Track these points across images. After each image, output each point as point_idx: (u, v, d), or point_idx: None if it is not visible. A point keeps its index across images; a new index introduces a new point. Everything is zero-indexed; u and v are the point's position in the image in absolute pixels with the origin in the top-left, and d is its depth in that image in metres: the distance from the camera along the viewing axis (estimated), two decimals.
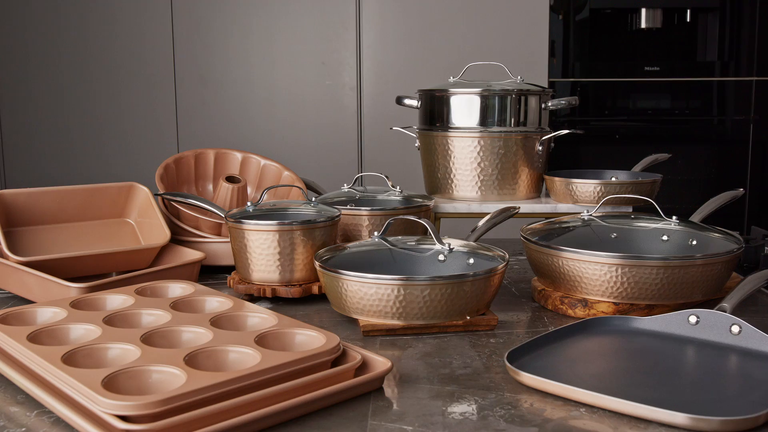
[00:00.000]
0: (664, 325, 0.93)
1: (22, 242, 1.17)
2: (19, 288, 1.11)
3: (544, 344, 0.88)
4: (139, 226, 1.29)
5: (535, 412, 0.73)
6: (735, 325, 0.89)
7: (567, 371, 0.83)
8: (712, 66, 3.03)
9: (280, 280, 1.10)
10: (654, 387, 0.78)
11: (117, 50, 3.00)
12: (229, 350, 0.78)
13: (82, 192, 1.24)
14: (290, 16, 2.98)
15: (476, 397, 0.77)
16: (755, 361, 0.84)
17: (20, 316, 0.89)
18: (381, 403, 0.76)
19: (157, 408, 0.65)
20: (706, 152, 3.11)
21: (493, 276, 0.98)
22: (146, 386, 0.72)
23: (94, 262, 1.15)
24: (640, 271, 1.00)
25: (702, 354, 0.87)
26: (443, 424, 0.71)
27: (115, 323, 0.87)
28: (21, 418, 0.73)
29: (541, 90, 1.42)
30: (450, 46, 2.93)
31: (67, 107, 3.05)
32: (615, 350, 0.90)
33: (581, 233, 1.13)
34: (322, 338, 0.81)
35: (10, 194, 1.18)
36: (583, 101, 3.06)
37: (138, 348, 0.78)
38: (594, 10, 2.98)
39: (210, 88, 3.02)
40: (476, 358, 0.88)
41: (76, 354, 0.77)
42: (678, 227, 1.12)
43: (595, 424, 0.71)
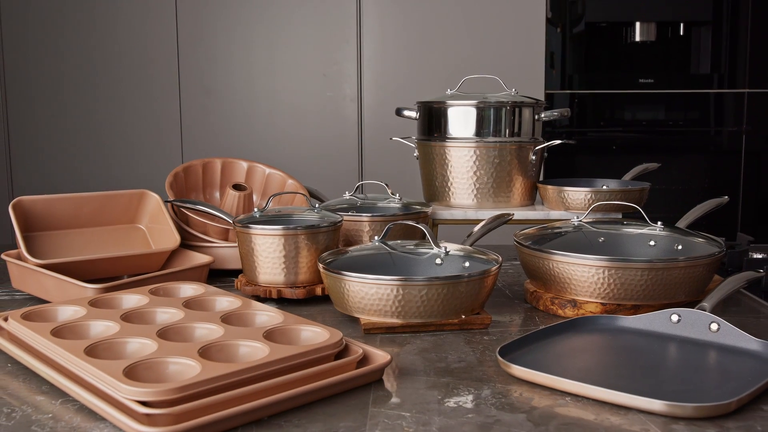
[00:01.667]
0: (647, 323, 0.99)
1: (40, 246, 1.23)
2: (37, 289, 1.17)
3: (534, 341, 0.94)
4: (150, 231, 1.35)
5: (523, 400, 0.79)
6: (714, 323, 0.95)
7: (555, 365, 0.88)
8: (705, 78, 3.09)
9: (285, 282, 1.16)
10: (635, 379, 0.84)
11: (122, 61, 3.07)
12: (240, 344, 0.84)
13: (96, 198, 1.30)
14: (292, 29, 3.05)
15: (470, 387, 0.83)
16: (732, 356, 0.90)
17: (42, 314, 0.94)
18: (381, 392, 0.81)
19: (175, 395, 0.71)
20: (700, 162, 3.17)
21: (487, 277, 1.03)
22: (163, 376, 0.78)
23: (108, 265, 1.20)
24: (626, 273, 1.06)
25: (682, 350, 0.93)
26: (438, 411, 0.76)
27: (132, 320, 0.92)
28: (46, 406, 0.78)
29: (534, 102, 1.48)
30: (449, 59, 3.00)
31: (73, 117, 3.11)
32: (600, 346, 0.96)
33: (571, 238, 1.19)
34: (326, 333, 0.87)
35: (28, 201, 1.24)
36: (581, 112, 3.12)
37: (154, 342, 0.84)
38: (589, 24, 3.06)
39: (213, 98, 3.08)
40: (470, 354, 0.94)
41: (97, 347, 0.83)
42: (663, 232, 1.18)
43: (579, 411, 0.76)
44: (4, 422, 0.74)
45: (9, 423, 0.74)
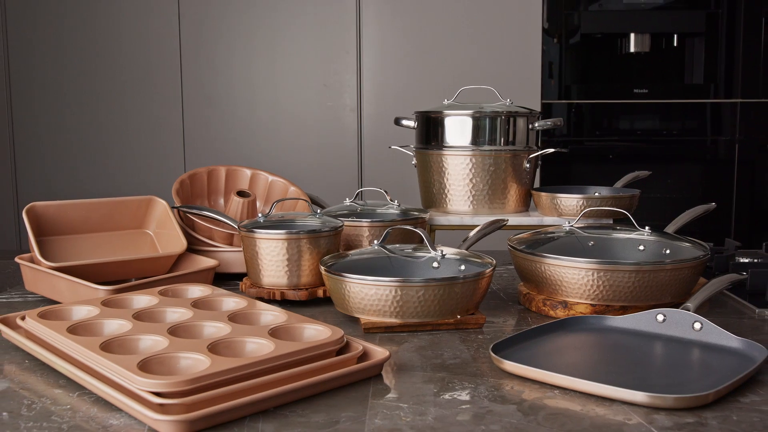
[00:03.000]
0: (634, 323, 1.04)
1: (52, 250, 1.27)
2: (49, 291, 1.21)
3: (526, 339, 0.99)
4: (157, 236, 1.39)
5: (514, 393, 0.84)
6: (697, 322, 0.99)
7: (544, 361, 0.93)
8: (698, 88, 3.15)
9: (288, 284, 1.21)
10: (620, 373, 0.89)
11: (127, 72, 3.13)
12: (246, 341, 0.89)
13: (106, 204, 1.35)
14: (293, 40, 3.11)
15: (464, 382, 0.87)
16: (713, 353, 0.95)
17: (58, 313, 0.99)
18: (380, 386, 0.86)
19: (187, 386, 0.76)
20: (694, 171, 3.23)
21: (481, 279, 1.08)
22: (175, 369, 0.82)
23: (118, 268, 1.25)
24: (615, 275, 1.10)
25: (666, 347, 0.98)
26: (434, 403, 0.81)
27: (143, 319, 0.97)
28: (64, 398, 0.83)
29: (528, 112, 1.54)
30: (447, 70, 3.07)
31: (77, 125, 3.17)
32: (588, 344, 1.00)
33: (563, 242, 1.24)
34: (328, 331, 0.91)
35: (41, 206, 1.29)
36: (578, 122, 3.18)
37: (166, 339, 0.88)
38: (585, 35, 3.11)
39: (216, 108, 3.14)
40: (465, 351, 0.98)
41: (111, 343, 0.87)
42: (651, 237, 1.23)
43: (567, 402, 0.81)
44: (26, 413, 0.79)
45: (30, 413, 0.79)
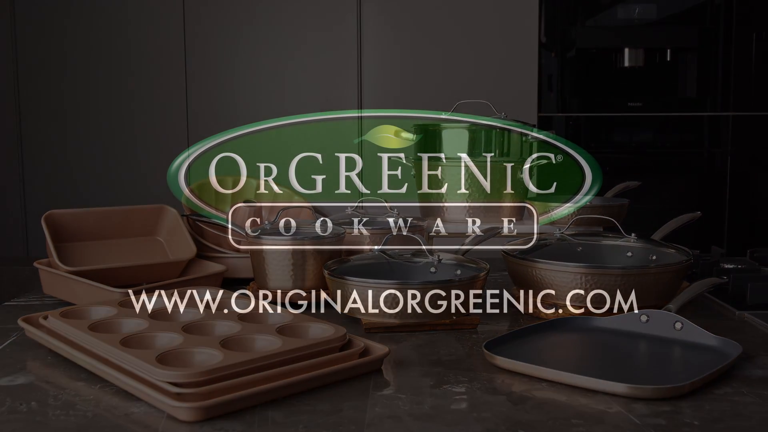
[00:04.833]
0: (619, 323, 1.10)
1: (68, 255, 1.34)
2: (66, 294, 1.28)
3: (517, 337, 1.05)
4: (168, 243, 1.46)
5: (505, 386, 0.90)
6: (678, 322, 1.06)
7: (534, 357, 0.99)
8: (691, 102, 3.23)
9: (293, 287, 1.27)
10: (604, 368, 0.95)
11: (133, 86, 3.21)
12: (256, 338, 0.95)
13: (119, 213, 1.42)
14: (296, 56, 3.19)
15: (459, 376, 0.94)
16: (693, 350, 1.01)
17: (78, 313, 1.06)
18: (380, 380, 0.93)
19: (202, 377, 0.82)
20: (688, 183, 3.30)
21: (476, 282, 1.15)
22: (190, 363, 0.89)
23: (131, 273, 1.32)
24: (602, 278, 1.17)
25: (649, 345, 1.04)
26: (430, 394, 0.87)
27: (159, 318, 1.04)
28: (86, 390, 0.90)
29: (521, 124, 1.60)
30: (445, 83, 3.15)
31: (85, 134, 3.25)
32: (575, 342, 1.07)
33: (553, 248, 1.31)
34: (331, 329, 0.98)
35: (58, 214, 1.36)
36: (575, 134, 3.25)
37: (181, 335, 0.95)
38: (580, 49, 3.19)
39: (221, 122, 3.21)
40: (460, 349, 1.05)
41: (130, 340, 0.94)
42: (638, 243, 1.30)
43: (553, 393, 0.87)
44: (52, 402, 0.86)
45: (56, 403, 0.85)
